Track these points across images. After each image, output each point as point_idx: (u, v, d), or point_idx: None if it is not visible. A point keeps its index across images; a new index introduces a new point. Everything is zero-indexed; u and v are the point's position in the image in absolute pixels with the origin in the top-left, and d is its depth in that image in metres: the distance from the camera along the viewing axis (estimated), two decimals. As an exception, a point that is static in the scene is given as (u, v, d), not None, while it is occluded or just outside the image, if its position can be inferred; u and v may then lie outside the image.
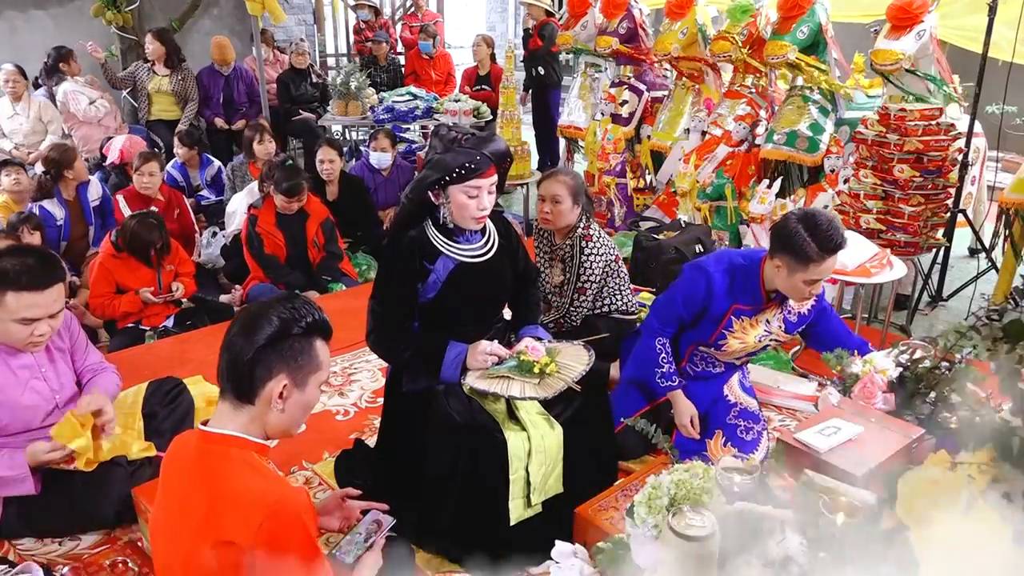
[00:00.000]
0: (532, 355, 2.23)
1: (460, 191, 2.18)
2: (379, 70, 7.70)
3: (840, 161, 4.55)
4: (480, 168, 2.16)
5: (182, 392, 2.81)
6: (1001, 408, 1.76)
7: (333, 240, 4.42)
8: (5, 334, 2.23)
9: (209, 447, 1.49)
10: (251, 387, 1.49)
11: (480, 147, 2.20)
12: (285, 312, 1.50)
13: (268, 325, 1.48)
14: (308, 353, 1.52)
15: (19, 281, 2.15)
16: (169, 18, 7.69)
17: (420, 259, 2.24)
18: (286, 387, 1.49)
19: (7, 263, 2.17)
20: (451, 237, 2.27)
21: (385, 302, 2.29)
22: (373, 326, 2.31)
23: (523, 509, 2.22)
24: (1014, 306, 4.08)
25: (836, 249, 2.26)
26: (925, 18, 4.03)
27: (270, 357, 1.47)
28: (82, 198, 4.57)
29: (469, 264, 2.27)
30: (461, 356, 2.25)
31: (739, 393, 2.79)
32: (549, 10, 7.12)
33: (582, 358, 2.32)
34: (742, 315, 2.53)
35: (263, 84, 6.68)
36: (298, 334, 1.50)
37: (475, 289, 2.30)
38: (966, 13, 4.55)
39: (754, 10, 4.80)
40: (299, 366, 1.50)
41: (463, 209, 2.20)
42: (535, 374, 2.21)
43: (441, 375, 2.24)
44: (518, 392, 2.17)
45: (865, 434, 1.76)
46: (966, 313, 4.15)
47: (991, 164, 5.20)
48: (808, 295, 2.38)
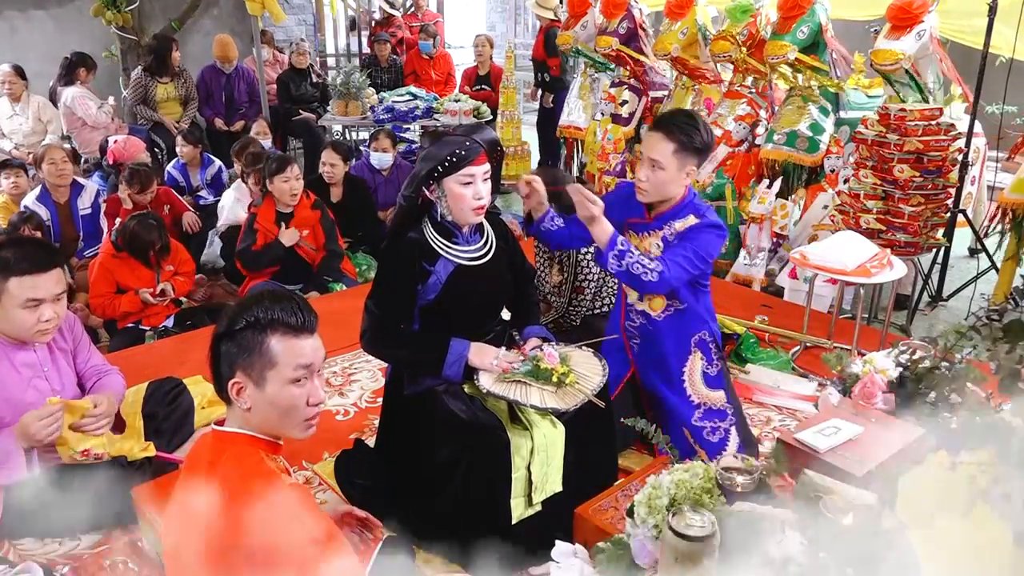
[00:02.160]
0: (548, 361, 2.21)
1: (454, 182, 2.18)
2: (379, 70, 7.71)
3: (840, 161, 4.55)
4: (471, 155, 2.15)
5: (182, 392, 2.81)
6: (1001, 408, 1.76)
7: (333, 239, 4.42)
8: (13, 324, 2.26)
9: (219, 445, 1.49)
10: (219, 384, 1.48)
11: (469, 134, 2.20)
12: (240, 308, 1.46)
13: (221, 321, 1.47)
14: (259, 350, 1.43)
15: (20, 266, 2.21)
16: (169, 18, 7.69)
17: (420, 261, 2.24)
18: (240, 384, 1.44)
19: (6, 252, 2.22)
20: (450, 239, 2.27)
21: (383, 303, 2.28)
22: (368, 326, 2.29)
23: (524, 508, 2.22)
24: (1014, 306, 4.09)
25: (656, 126, 2.44)
26: (925, 18, 4.04)
27: (223, 353, 1.45)
28: (72, 203, 4.54)
29: (468, 266, 2.27)
30: (464, 354, 2.24)
31: (702, 389, 2.67)
32: (555, 16, 7.13)
33: (596, 368, 2.30)
34: (631, 230, 2.58)
35: (263, 84, 6.69)
36: (243, 328, 1.43)
37: (475, 291, 2.30)
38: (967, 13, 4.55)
39: (754, 10, 4.80)
40: (251, 363, 1.43)
41: (460, 200, 2.19)
42: (552, 382, 2.20)
43: (444, 372, 2.23)
44: (538, 401, 2.15)
45: (865, 434, 1.76)
46: (966, 313, 4.15)
47: (991, 164, 5.21)
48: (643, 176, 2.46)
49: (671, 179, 2.44)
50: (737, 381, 3.34)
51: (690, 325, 2.62)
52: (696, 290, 2.59)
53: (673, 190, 2.48)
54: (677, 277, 2.41)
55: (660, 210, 2.53)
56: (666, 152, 2.40)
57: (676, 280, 2.42)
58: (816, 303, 3.88)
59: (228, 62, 6.87)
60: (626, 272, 2.37)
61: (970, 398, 1.84)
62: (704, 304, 2.64)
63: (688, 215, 2.50)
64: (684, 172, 2.44)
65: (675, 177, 2.44)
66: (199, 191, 5.59)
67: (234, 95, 6.94)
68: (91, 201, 4.61)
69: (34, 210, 4.32)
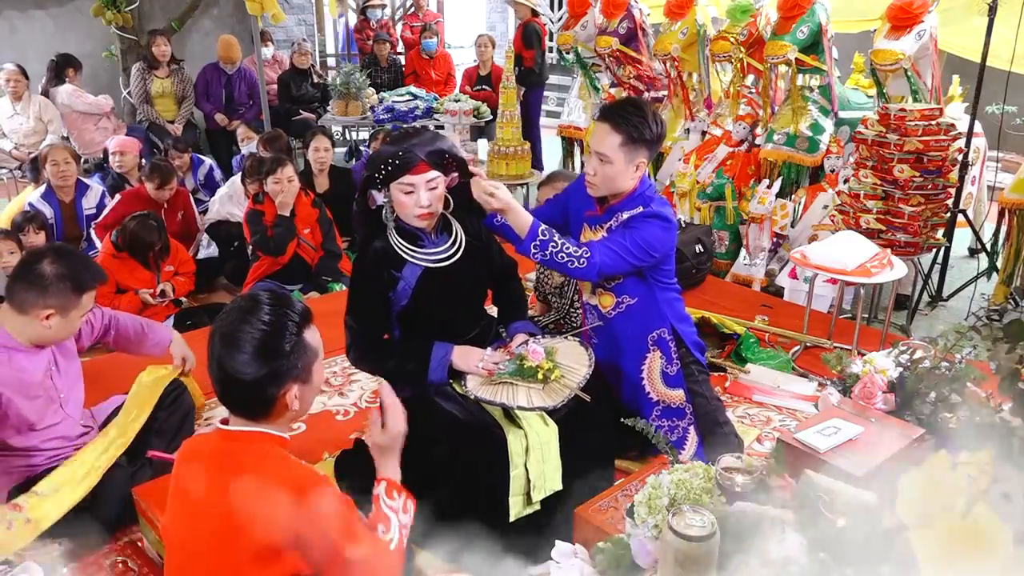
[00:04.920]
0: (532, 359, 2.22)
1: (396, 189, 2.16)
2: (379, 70, 7.71)
3: (840, 161, 4.55)
4: (408, 163, 2.11)
5: (182, 393, 2.81)
6: (1001, 408, 1.76)
7: (331, 239, 4.42)
8: (62, 333, 2.36)
9: (234, 446, 1.50)
10: (264, 407, 1.50)
11: (405, 141, 2.16)
12: (266, 326, 1.46)
13: (257, 348, 1.45)
14: (304, 352, 1.51)
15: (92, 284, 2.37)
16: (169, 18, 7.69)
17: (387, 269, 2.23)
18: (289, 389, 1.50)
19: (77, 268, 2.34)
20: (415, 243, 2.25)
21: (359, 316, 2.28)
22: (351, 341, 2.29)
23: (523, 506, 2.22)
24: (1014, 306, 4.10)
25: (603, 117, 2.36)
26: (925, 18, 4.03)
27: (273, 376, 1.47)
28: (77, 203, 4.54)
29: (436, 268, 2.26)
30: (447, 357, 2.24)
31: (660, 387, 2.60)
32: (535, 9, 7.12)
33: (582, 358, 2.31)
34: (587, 222, 2.53)
35: (263, 84, 6.69)
36: (290, 343, 1.49)
37: (448, 292, 2.29)
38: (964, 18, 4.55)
39: (754, 10, 4.80)
40: (301, 368, 1.51)
41: (403, 208, 2.18)
42: (538, 380, 2.20)
43: (429, 377, 2.23)
44: (525, 401, 2.15)
45: (865, 434, 1.76)
46: (966, 313, 4.16)
47: (991, 164, 5.21)
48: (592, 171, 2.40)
49: (619, 173, 2.36)
50: (737, 381, 3.34)
51: (646, 323, 2.54)
52: (651, 285, 2.51)
53: (623, 184, 2.40)
54: (607, 264, 2.33)
55: (610, 203, 2.47)
56: (613, 145, 2.32)
57: (607, 267, 2.34)
58: (816, 303, 3.87)
59: (231, 63, 6.88)
60: (551, 261, 2.30)
61: (970, 398, 1.84)
62: (665, 300, 2.55)
63: (637, 206, 2.42)
64: (634, 165, 2.37)
65: (624, 171, 2.36)
66: (196, 193, 5.58)
67: (234, 95, 6.95)
68: (96, 201, 4.62)
69: (38, 208, 4.33)
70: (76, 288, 2.32)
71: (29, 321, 2.28)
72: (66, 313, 2.31)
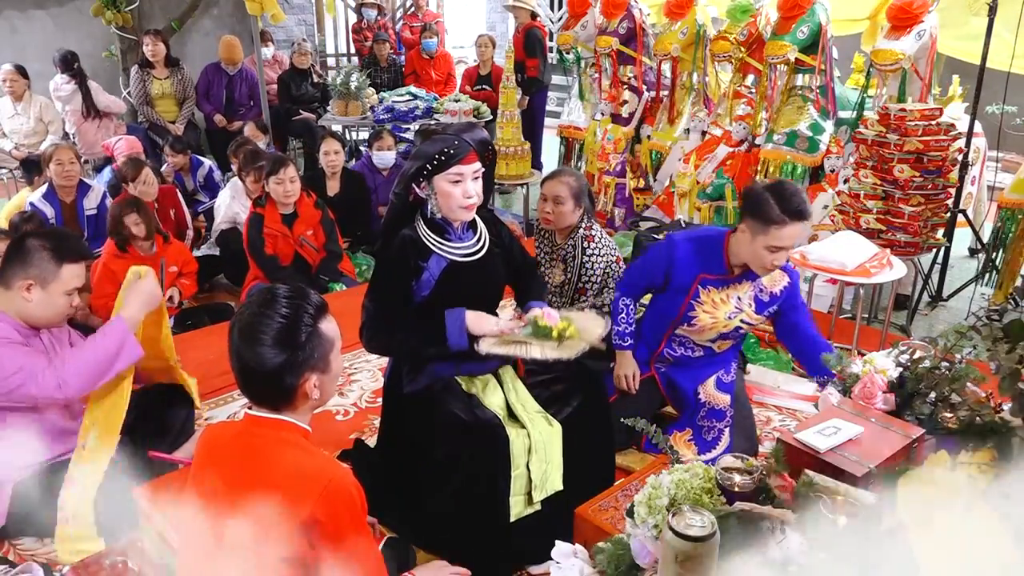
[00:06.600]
0: (548, 320, 2.20)
1: (443, 179, 2.17)
2: (379, 70, 7.70)
3: (840, 161, 4.55)
4: (460, 153, 2.15)
5: (183, 393, 2.81)
6: (1001, 408, 1.76)
7: (333, 239, 4.41)
8: (49, 310, 2.34)
9: (259, 430, 1.53)
10: (284, 396, 1.52)
11: (459, 133, 2.20)
12: (283, 319, 1.49)
13: (275, 340, 1.48)
14: (320, 342, 1.53)
15: (73, 255, 2.35)
16: (169, 18, 7.69)
17: (414, 258, 2.24)
18: (309, 379, 1.52)
19: (59, 241, 2.33)
20: (443, 235, 2.27)
21: (381, 301, 2.28)
22: (366, 322, 2.30)
23: (524, 506, 2.23)
24: (1014, 306, 4.10)
25: (798, 215, 2.37)
26: (925, 18, 4.03)
27: (291, 366, 1.49)
28: (78, 203, 4.54)
29: (461, 263, 2.27)
30: (461, 319, 2.23)
31: (712, 391, 2.77)
32: (534, 12, 7.11)
33: (598, 322, 2.30)
34: (709, 285, 2.59)
35: (263, 84, 6.69)
36: (307, 333, 1.51)
37: (468, 287, 2.30)
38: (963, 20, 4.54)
39: (754, 10, 4.80)
40: (319, 358, 1.53)
41: (449, 198, 2.19)
42: (553, 339, 2.19)
43: (449, 343, 2.21)
44: (539, 354, 2.14)
45: (865, 434, 1.76)
46: (966, 313, 4.15)
47: (991, 164, 5.21)
48: (771, 265, 2.45)
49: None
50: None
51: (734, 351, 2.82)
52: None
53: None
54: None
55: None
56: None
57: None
58: (816, 303, 3.88)
59: (232, 64, 6.88)
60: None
61: (970, 398, 1.84)
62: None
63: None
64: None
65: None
66: (195, 195, 5.58)
67: (235, 95, 6.94)
68: (97, 202, 4.59)
69: (39, 207, 4.32)
70: (56, 257, 2.29)
71: (13, 296, 2.28)
72: (45, 285, 2.29)
